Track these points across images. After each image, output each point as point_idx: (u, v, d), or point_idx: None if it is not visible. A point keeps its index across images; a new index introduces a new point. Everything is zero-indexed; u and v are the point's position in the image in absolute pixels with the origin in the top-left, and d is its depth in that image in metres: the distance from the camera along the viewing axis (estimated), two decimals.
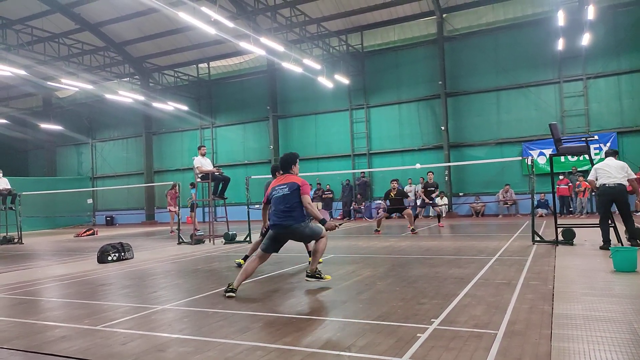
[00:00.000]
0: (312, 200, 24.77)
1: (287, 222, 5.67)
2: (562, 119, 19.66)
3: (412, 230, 13.14)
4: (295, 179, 5.87)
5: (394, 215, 15.70)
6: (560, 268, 6.52)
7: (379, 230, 13.69)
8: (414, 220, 14.00)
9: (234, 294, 5.51)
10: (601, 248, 8.19)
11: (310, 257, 6.26)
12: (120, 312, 5.02)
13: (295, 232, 5.73)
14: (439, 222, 16.16)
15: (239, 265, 7.82)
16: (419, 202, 21.31)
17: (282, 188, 5.80)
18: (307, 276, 5.92)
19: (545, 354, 3.24)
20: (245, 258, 7.88)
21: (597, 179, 8.48)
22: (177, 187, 14.97)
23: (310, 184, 6.09)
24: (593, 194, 15.33)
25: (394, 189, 14.00)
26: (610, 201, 8.40)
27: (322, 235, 5.89)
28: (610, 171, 8.32)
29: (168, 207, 18.84)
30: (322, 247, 5.94)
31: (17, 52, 22.17)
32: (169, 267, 8.49)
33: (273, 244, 5.83)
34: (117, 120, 30.25)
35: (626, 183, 8.26)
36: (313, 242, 6.00)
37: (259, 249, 6.03)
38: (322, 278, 5.91)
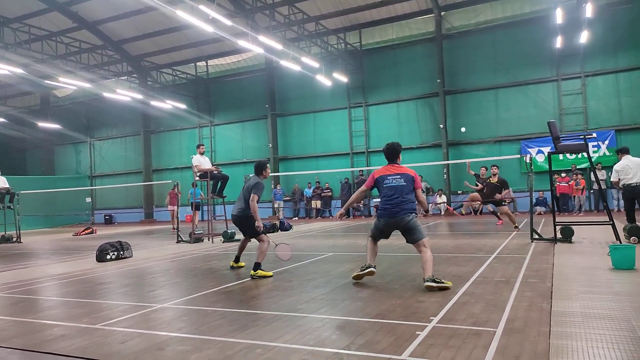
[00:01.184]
0: (311, 198, 24.73)
1: (403, 213, 5.63)
2: (560, 116, 19.67)
3: (516, 227, 11.90)
4: (408, 169, 5.88)
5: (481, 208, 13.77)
6: (559, 266, 6.53)
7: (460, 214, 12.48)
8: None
9: (374, 269, 5.85)
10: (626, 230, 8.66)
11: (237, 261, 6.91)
12: (119, 311, 5.02)
13: (408, 224, 5.68)
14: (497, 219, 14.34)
15: (232, 268, 7.65)
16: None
17: (397, 178, 5.75)
18: (429, 282, 5.28)
19: (544, 351, 3.24)
20: (237, 260, 7.66)
21: (619, 180, 9.07)
22: (177, 186, 14.94)
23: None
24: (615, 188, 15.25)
25: (494, 175, 12.29)
26: (630, 199, 9.04)
27: (424, 235, 5.73)
28: (629, 171, 8.83)
29: (167, 206, 18.87)
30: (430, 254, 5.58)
31: (14, 51, 22.10)
32: (167, 266, 8.48)
33: (382, 234, 5.94)
34: (116, 118, 30.21)
35: None
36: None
37: (372, 237, 6.04)
38: (442, 283, 5.33)
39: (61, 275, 7.90)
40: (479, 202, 12.79)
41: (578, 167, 18.92)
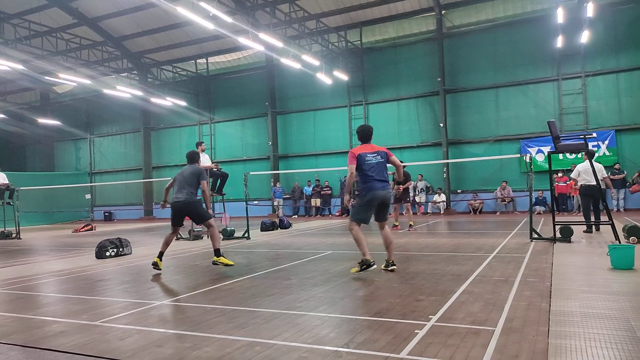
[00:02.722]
0: (311, 196, 24.72)
1: (389, 187, 6.29)
2: (560, 116, 19.67)
3: (411, 226, 13.00)
4: (381, 147, 6.32)
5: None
6: (558, 265, 6.53)
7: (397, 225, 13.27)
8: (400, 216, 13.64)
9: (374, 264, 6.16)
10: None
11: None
12: (118, 308, 5.02)
13: (390, 199, 6.28)
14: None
15: (155, 266, 7.27)
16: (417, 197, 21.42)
17: (376, 156, 6.16)
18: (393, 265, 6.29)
19: (543, 350, 3.25)
20: (160, 255, 7.36)
21: (578, 179, 10.39)
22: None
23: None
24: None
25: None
26: (588, 196, 10.28)
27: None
28: (590, 173, 9.50)
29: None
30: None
31: (14, 47, 22.06)
32: (167, 263, 8.48)
33: (369, 214, 6.32)
34: (116, 115, 30.18)
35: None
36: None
37: (357, 224, 6.28)
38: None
39: (60, 271, 7.90)
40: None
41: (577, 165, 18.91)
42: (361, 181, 6.23)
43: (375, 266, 6.16)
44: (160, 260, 7.33)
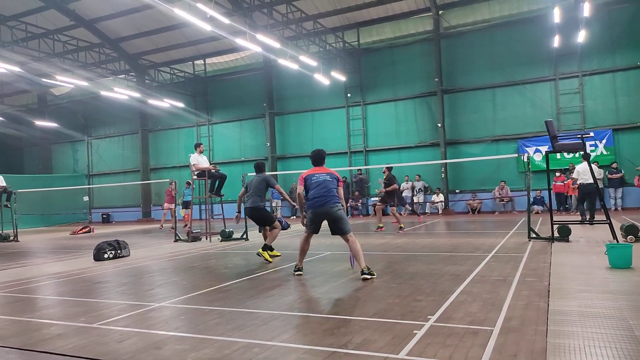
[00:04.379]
0: None
1: (332, 203, 6.39)
2: (557, 116, 19.71)
3: (401, 228, 12.96)
4: (332, 170, 6.75)
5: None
6: (556, 265, 6.54)
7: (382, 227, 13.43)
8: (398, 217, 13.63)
9: (302, 272, 6.60)
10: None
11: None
12: (116, 310, 5.01)
13: (336, 213, 6.41)
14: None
15: (260, 256, 8.19)
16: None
17: (323, 175, 6.54)
18: (365, 274, 6.09)
19: (541, 350, 3.25)
20: (270, 248, 8.30)
21: (577, 179, 11.97)
22: (174, 184, 14.92)
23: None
24: None
25: (384, 174, 13.54)
26: (584, 194, 12.22)
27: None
28: (587, 173, 10.74)
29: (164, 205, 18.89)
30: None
31: (11, 49, 22.04)
32: (165, 265, 8.47)
33: (315, 226, 6.61)
34: (113, 117, 30.13)
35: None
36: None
37: (307, 233, 6.74)
38: (374, 275, 6.17)
39: (58, 274, 7.88)
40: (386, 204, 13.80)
41: (576, 166, 18.94)
42: (305, 200, 6.65)
43: (299, 273, 6.58)
44: (271, 250, 8.35)
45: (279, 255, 8.49)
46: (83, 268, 8.45)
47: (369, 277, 6.00)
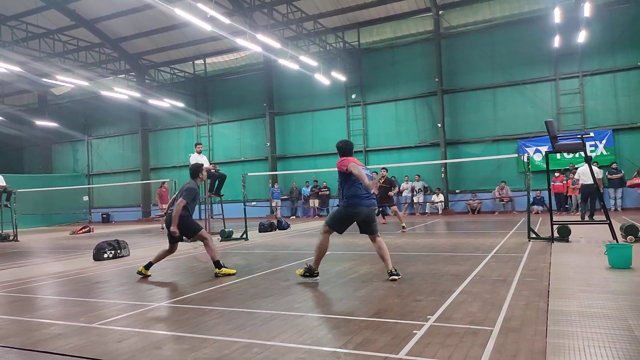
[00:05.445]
0: (309, 197, 24.71)
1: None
2: (558, 116, 19.70)
3: (403, 228, 12.93)
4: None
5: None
6: (556, 265, 6.54)
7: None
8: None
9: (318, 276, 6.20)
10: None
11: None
12: (116, 310, 5.01)
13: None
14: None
15: (139, 273, 7.03)
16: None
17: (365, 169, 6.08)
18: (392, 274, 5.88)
19: (541, 350, 3.25)
20: (149, 266, 7.08)
21: (579, 179, 13.10)
22: (165, 184, 14.92)
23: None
24: None
25: (382, 177, 13.54)
26: (586, 194, 13.28)
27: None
28: (588, 174, 11.54)
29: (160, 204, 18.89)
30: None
31: (11, 49, 22.04)
32: (165, 265, 8.46)
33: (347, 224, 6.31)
34: (113, 117, 30.13)
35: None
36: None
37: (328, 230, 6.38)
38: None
39: (58, 274, 7.88)
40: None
41: (576, 166, 18.95)
42: (346, 195, 6.16)
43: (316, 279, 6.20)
44: (147, 269, 7.10)
45: (234, 274, 6.85)
46: (83, 268, 8.45)
47: (397, 277, 5.85)
